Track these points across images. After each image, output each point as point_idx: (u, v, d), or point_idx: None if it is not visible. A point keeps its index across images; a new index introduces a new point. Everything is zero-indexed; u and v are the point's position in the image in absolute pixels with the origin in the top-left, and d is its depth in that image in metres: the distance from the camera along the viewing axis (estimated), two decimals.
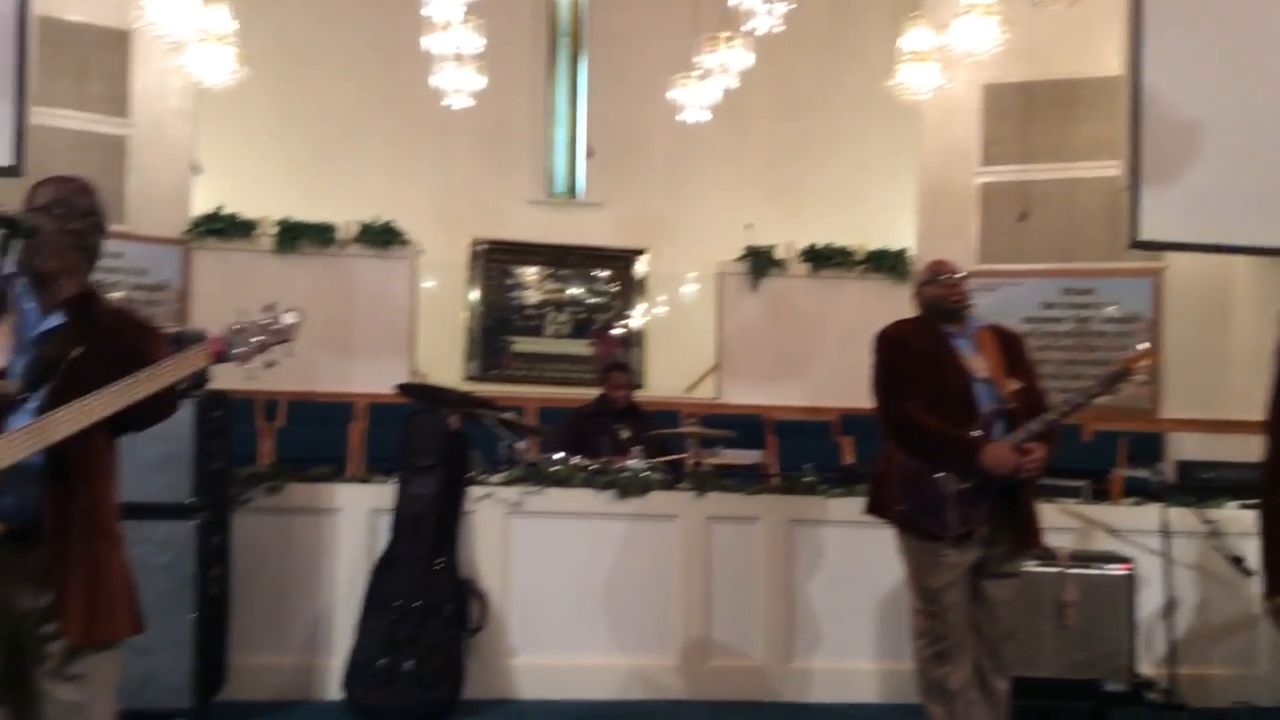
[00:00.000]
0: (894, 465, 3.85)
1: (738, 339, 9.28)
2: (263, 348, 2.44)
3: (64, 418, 2.30)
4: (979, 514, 3.70)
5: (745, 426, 7.30)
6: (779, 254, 9.22)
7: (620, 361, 7.90)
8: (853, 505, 4.90)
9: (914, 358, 3.83)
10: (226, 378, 4.39)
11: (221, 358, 2.43)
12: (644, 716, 4.73)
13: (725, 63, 7.83)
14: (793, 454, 7.72)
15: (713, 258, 9.57)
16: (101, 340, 2.43)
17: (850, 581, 5.08)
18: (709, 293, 9.73)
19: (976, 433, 3.71)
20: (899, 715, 4.83)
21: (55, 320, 2.43)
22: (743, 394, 9.11)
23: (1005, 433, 3.74)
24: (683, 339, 10.00)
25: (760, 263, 9.18)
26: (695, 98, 8.54)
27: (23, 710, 2.45)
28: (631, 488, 5.07)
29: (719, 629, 5.07)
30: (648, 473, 5.25)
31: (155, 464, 4.09)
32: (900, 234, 9.38)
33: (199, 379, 4.25)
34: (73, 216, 2.46)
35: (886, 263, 9.14)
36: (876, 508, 3.99)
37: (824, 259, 9.20)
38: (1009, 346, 3.93)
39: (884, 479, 3.92)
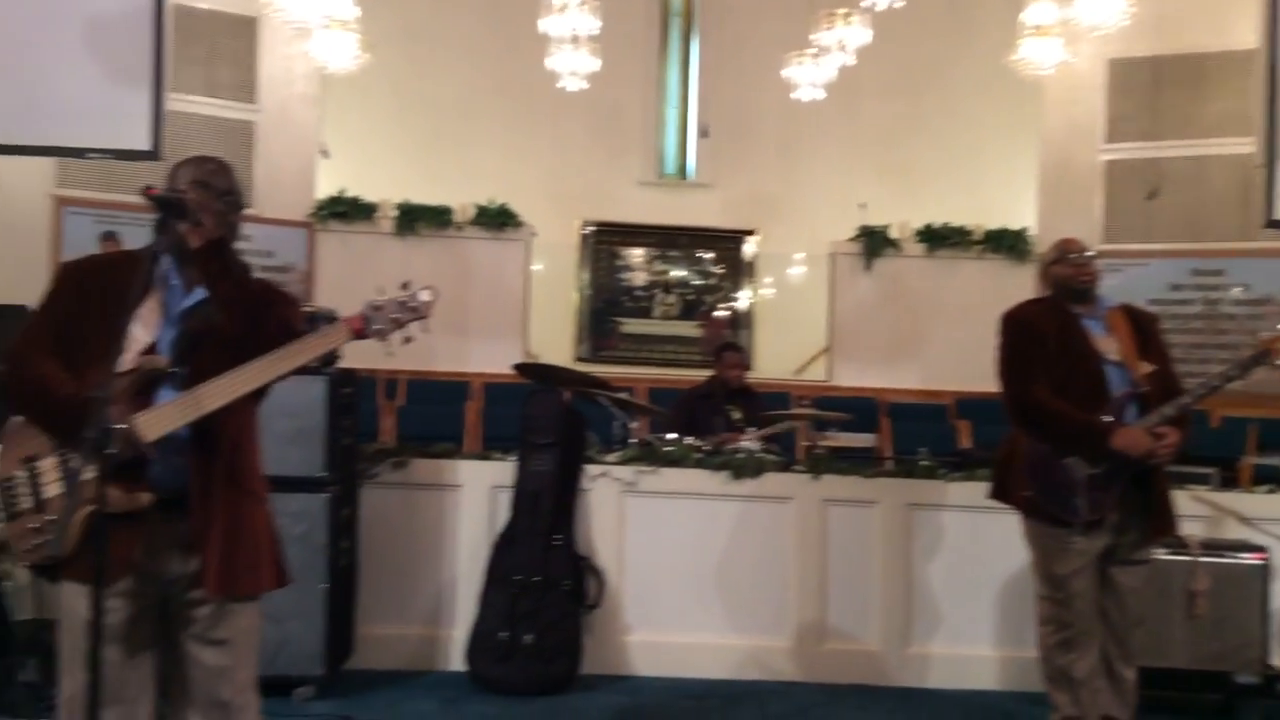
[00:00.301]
0: (1020, 450, 3.78)
1: (850, 320, 9.18)
2: (400, 324, 2.49)
3: (213, 391, 2.39)
4: (1109, 500, 3.62)
5: (857, 409, 7.22)
6: (893, 234, 9.09)
7: (733, 342, 7.88)
8: (973, 490, 4.86)
9: (1042, 340, 3.74)
10: (351, 356, 4.56)
11: (361, 334, 2.48)
12: (759, 697, 4.74)
13: (843, 40, 7.72)
14: (907, 437, 7.62)
15: (824, 238, 9.48)
16: (243, 312, 2.51)
17: (970, 567, 5.00)
18: (819, 273, 9.64)
19: (1107, 417, 3.62)
20: (1020, 703, 4.75)
21: (199, 295, 2.52)
22: (855, 376, 9.02)
23: (1137, 417, 3.64)
24: (792, 320, 9.94)
25: (874, 243, 9.07)
26: (809, 76, 8.46)
27: (172, 672, 2.56)
28: (746, 469, 5.06)
29: (834, 612, 5.05)
30: (762, 454, 5.24)
31: (290, 438, 4.23)
32: (1020, 213, 9.17)
33: (330, 357, 4.38)
34: (213, 195, 2.54)
35: (1005, 242, 8.94)
36: (1001, 493, 3.92)
37: (940, 239, 9.04)
38: (1141, 327, 3.82)
39: (1009, 464, 3.85)
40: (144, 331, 2.43)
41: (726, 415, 6.00)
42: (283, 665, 4.23)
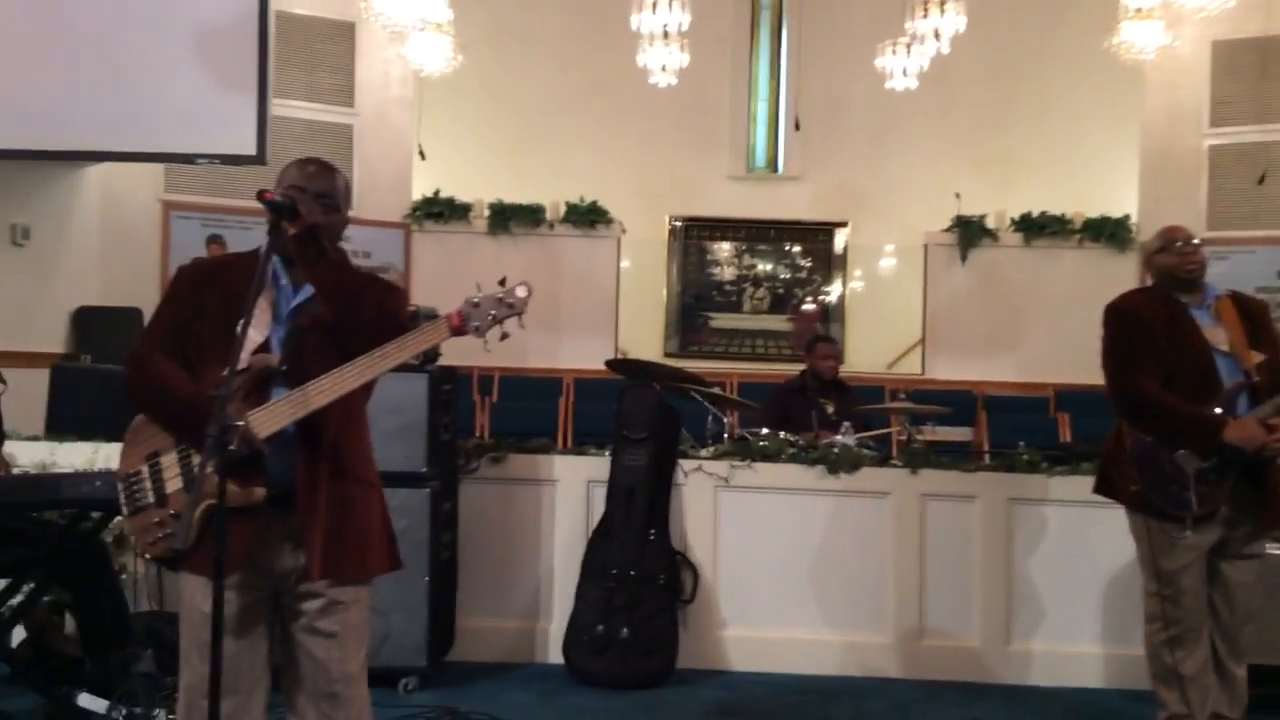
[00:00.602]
0: (1126, 443, 3.69)
1: (945, 312, 9.06)
2: (497, 320, 2.50)
3: (319, 389, 2.44)
4: (1221, 494, 3.53)
5: (953, 402, 7.13)
6: (989, 224, 8.94)
7: (825, 334, 7.81)
8: (1077, 484, 4.77)
9: (1149, 331, 3.65)
10: (447, 353, 4.64)
11: (460, 331, 2.50)
12: (857, 693, 4.71)
13: (937, 27, 7.61)
14: (1004, 431, 7.51)
15: (917, 229, 9.36)
16: (340, 297, 2.53)
17: (1074, 562, 4.90)
18: (911, 265, 9.53)
19: (1218, 409, 3.53)
20: (1126, 701, 4.64)
21: (306, 293, 2.58)
22: (950, 369, 8.91)
23: (1249, 408, 3.54)
24: (884, 313, 9.83)
25: (970, 233, 8.94)
26: (902, 65, 8.35)
27: (285, 664, 2.63)
28: (841, 463, 5.03)
29: (933, 608, 4.99)
30: (858, 448, 5.20)
31: (393, 434, 4.32)
32: (1120, 201, 8.94)
33: (431, 354, 4.47)
34: (318, 196, 2.60)
35: (1106, 231, 8.74)
36: (1107, 487, 3.84)
37: (1038, 228, 8.87)
38: (1251, 316, 3.71)
39: (1116, 457, 3.76)
40: (256, 331, 2.49)
41: (820, 409, 5.97)
42: (387, 657, 4.33)
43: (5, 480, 3.80)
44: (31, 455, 4.68)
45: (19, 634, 4.33)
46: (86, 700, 3.83)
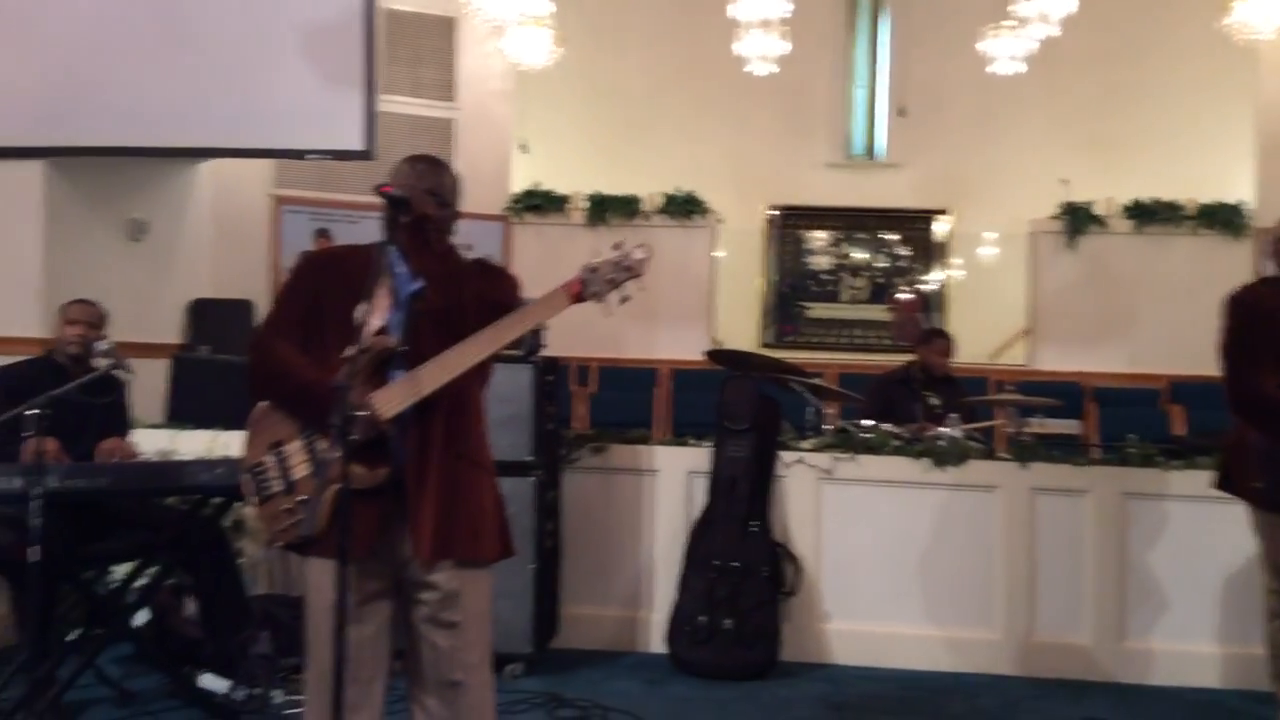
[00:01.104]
0: (1249, 439, 3.56)
1: (1052, 301, 8.86)
2: (616, 284, 2.51)
3: (432, 370, 2.49)
4: None
5: (1060, 393, 6.95)
6: (1098, 210, 8.70)
7: (939, 328, 7.62)
8: (1194, 479, 4.63)
9: (1270, 324, 3.51)
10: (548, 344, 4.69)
11: (580, 297, 2.51)
12: (967, 690, 4.63)
13: (1045, 10, 7.43)
14: (1114, 423, 7.29)
15: (1022, 216, 9.18)
16: (445, 286, 2.59)
17: (1192, 559, 4.75)
18: (1015, 253, 9.34)
19: None
20: (1245, 702, 4.49)
21: (422, 281, 2.62)
22: (1057, 359, 8.71)
23: None
24: (986, 302, 9.66)
25: (1078, 220, 8.72)
26: (1008, 48, 8.17)
27: (407, 652, 2.68)
28: (948, 456, 4.95)
29: (1044, 604, 4.88)
30: (964, 440, 5.11)
31: (501, 423, 4.36)
32: (1234, 186, 8.64)
33: (535, 345, 4.52)
34: (427, 192, 2.65)
35: (1221, 217, 8.46)
36: (1228, 483, 3.71)
37: (1149, 214, 8.62)
38: None
39: (1238, 453, 3.63)
40: (376, 316, 2.54)
41: (925, 402, 5.87)
42: (493, 643, 4.38)
43: (132, 467, 3.95)
44: (153, 443, 4.84)
45: (144, 615, 4.52)
46: (207, 680, 3.97)
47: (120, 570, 4.35)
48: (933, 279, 10.03)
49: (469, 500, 2.61)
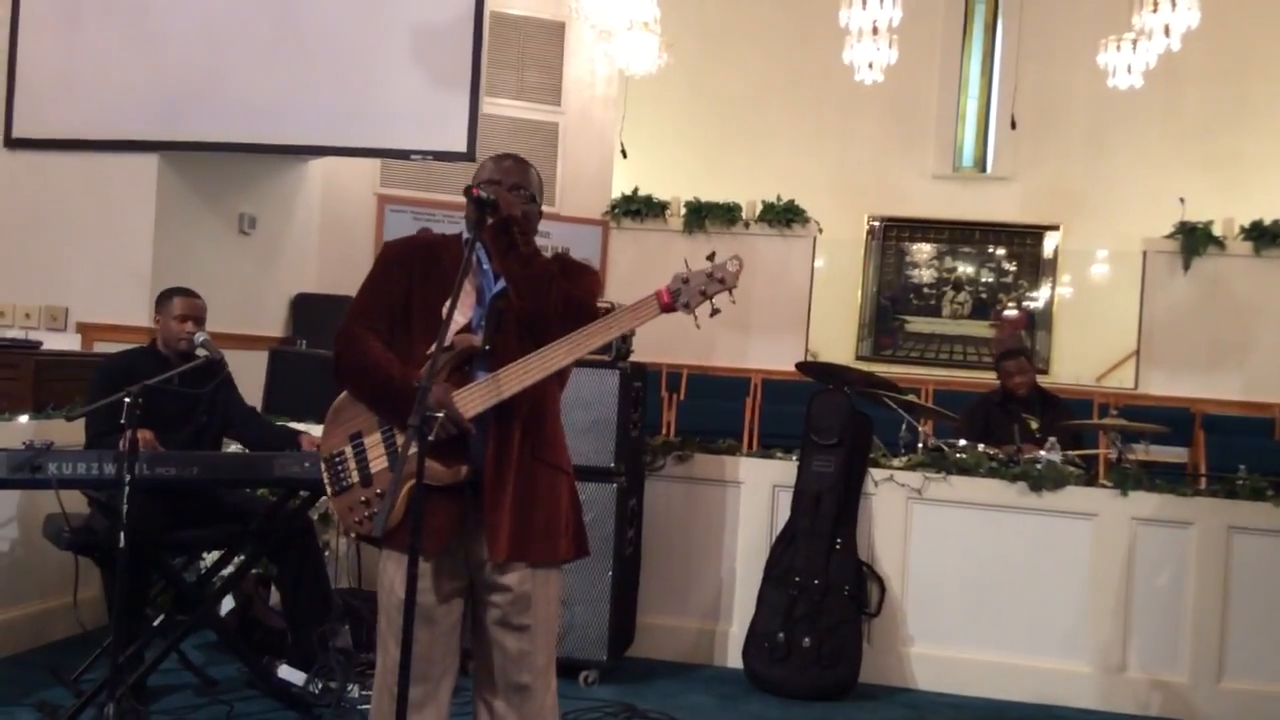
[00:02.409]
0: None
1: (1163, 323, 8.54)
2: (707, 296, 2.48)
3: (516, 374, 2.47)
4: None
5: (1168, 420, 6.70)
6: (1216, 230, 8.36)
7: (1014, 348, 7.35)
8: None
9: None
10: (638, 349, 4.66)
11: (670, 307, 2.48)
12: None
13: (1168, 23, 7.17)
14: (1224, 453, 7.02)
15: (1135, 235, 8.88)
16: (529, 288, 2.55)
17: None
18: (1128, 272, 9.03)
19: None
20: None
21: (506, 282, 2.59)
22: (1166, 384, 8.40)
23: None
24: (1096, 322, 9.36)
25: (1194, 240, 8.39)
26: (1127, 62, 7.91)
27: (475, 652, 2.67)
28: (1045, 481, 4.79)
29: (1137, 638, 4.70)
30: (1063, 465, 4.94)
31: (584, 428, 4.38)
32: None
33: (624, 350, 4.50)
34: (514, 188, 2.65)
35: None
36: None
37: (1271, 236, 8.24)
38: None
39: None
40: (460, 313, 2.54)
41: (1024, 424, 5.69)
42: (570, 648, 4.39)
43: (222, 457, 4.04)
44: None
45: (229, 604, 4.63)
46: (286, 672, 4.03)
47: (208, 558, 4.46)
48: (1040, 296, 9.75)
49: (545, 501, 2.59)
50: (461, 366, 2.53)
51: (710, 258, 2.52)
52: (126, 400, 3.32)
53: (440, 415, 2.38)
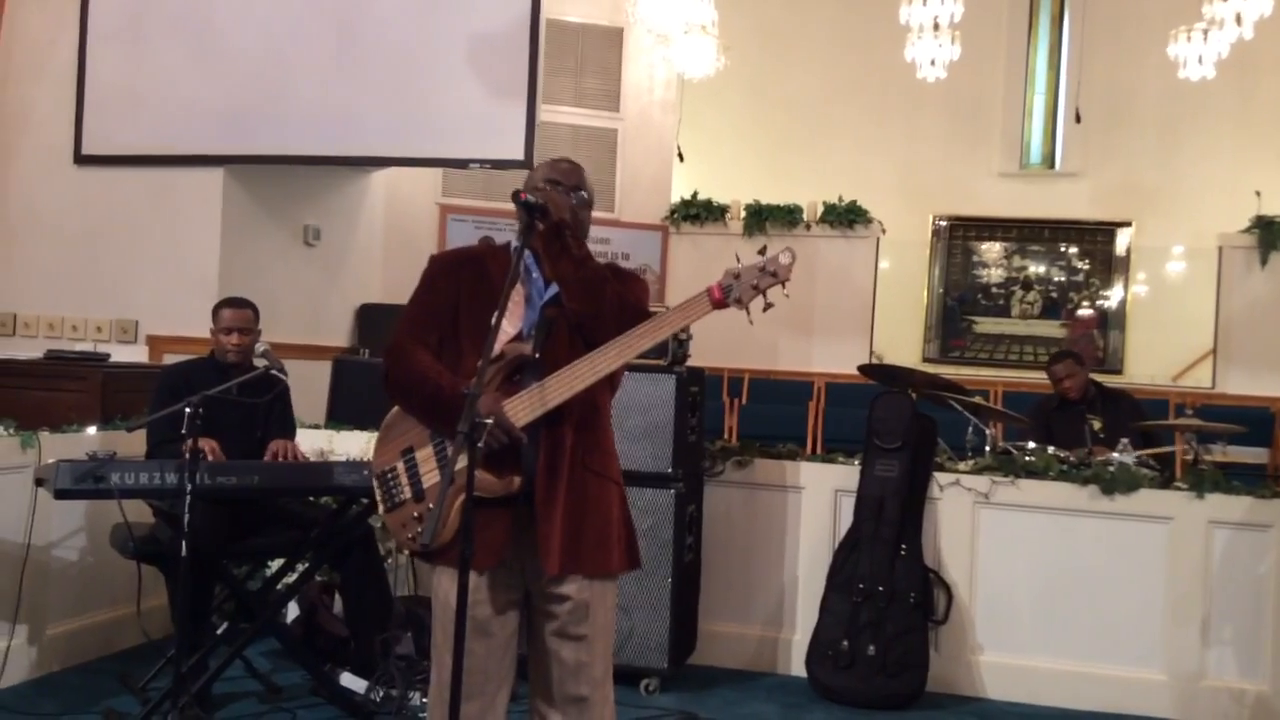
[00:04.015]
0: None
1: (1241, 320, 8.30)
2: (759, 290, 2.43)
3: (562, 381, 2.45)
4: None
5: (1247, 420, 6.49)
6: None
7: (1061, 351, 6.95)
8: None
9: None
10: (699, 354, 4.63)
11: (722, 304, 2.44)
12: None
13: (1239, 11, 6.95)
14: None
15: (1210, 230, 8.64)
16: (582, 292, 2.52)
17: None
18: (1203, 268, 8.79)
19: None
20: None
21: (556, 288, 2.58)
22: (1245, 383, 8.16)
23: None
24: (1171, 320, 9.12)
25: (1271, 234, 8.15)
26: (1198, 52, 7.69)
27: (531, 662, 2.64)
28: (1118, 484, 4.65)
29: (1215, 646, 4.54)
30: (1136, 467, 4.80)
31: (641, 434, 4.36)
32: None
33: (680, 355, 4.47)
34: (573, 189, 2.63)
35: None
36: None
37: None
38: None
39: None
40: (509, 322, 2.52)
41: (1089, 425, 5.54)
42: (630, 656, 4.36)
43: (282, 467, 4.07)
44: (312, 443, 5.02)
45: (293, 611, 4.67)
46: (348, 680, 4.06)
47: (272, 566, 4.51)
48: (1112, 294, 9.52)
49: (597, 513, 2.56)
50: (512, 376, 2.51)
51: (761, 251, 2.47)
52: (187, 410, 3.37)
53: (489, 421, 2.36)
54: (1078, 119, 9.69)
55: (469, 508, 2.35)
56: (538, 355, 2.52)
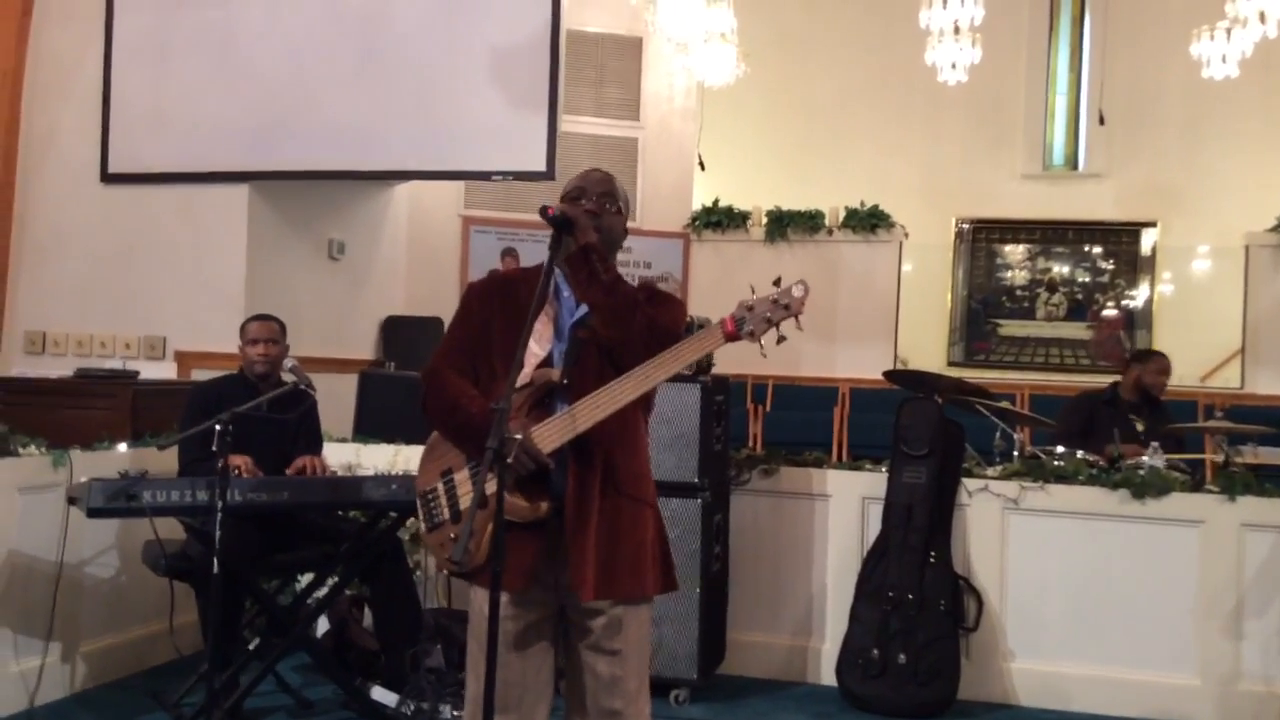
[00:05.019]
0: None
1: (1269, 319, 8.24)
2: (772, 323, 2.41)
3: (588, 407, 2.43)
4: None
5: (1276, 420, 6.42)
6: None
7: (1153, 350, 6.87)
8: None
9: None
10: (722, 361, 4.62)
11: (735, 336, 2.43)
12: None
13: (1263, 10, 6.90)
14: None
15: (1237, 229, 8.57)
16: (612, 317, 2.50)
17: None
18: (1230, 268, 8.72)
19: None
20: None
21: (586, 307, 2.56)
22: (1275, 383, 8.08)
23: None
24: (1197, 320, 9.05)
25: None
26: (1221, 51, 7.64)
27: (567, 678, 2.64)
28: (1148, 488, 4.62)
29: (1250, 649, 4.50)
30: (1167, 471, 4.76)
31: (666, 444, 4.35)
32: None
33: (705, 364, 4.47)
34: (602, 195, 2.61)
35: None
36: None
37: None
38: None
39: None
40: (539, 345, 2.52)
41: (1131, 425, 5.50)
42: (659, 667, 4.34)
43: (311, 482, 4.09)
44: (340, 457, 5.04)
45: (324, 626, 4.69)
46: (379, 694, 4.07)
47: (302, 580, 4.53)
48: (1138, 295, 9.46)
49: (630, 537, 2.55)
50: (542, 401, 2.51)
51: (776, 283, 2.45)
52: (217, 428, 3.39)
53: (518, 437, 2.37)
54: (1101, 121, 9.63)
55: (499, 527, 2.35)
56: (565, 381, 2.51)
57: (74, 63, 6.87)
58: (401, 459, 4.95)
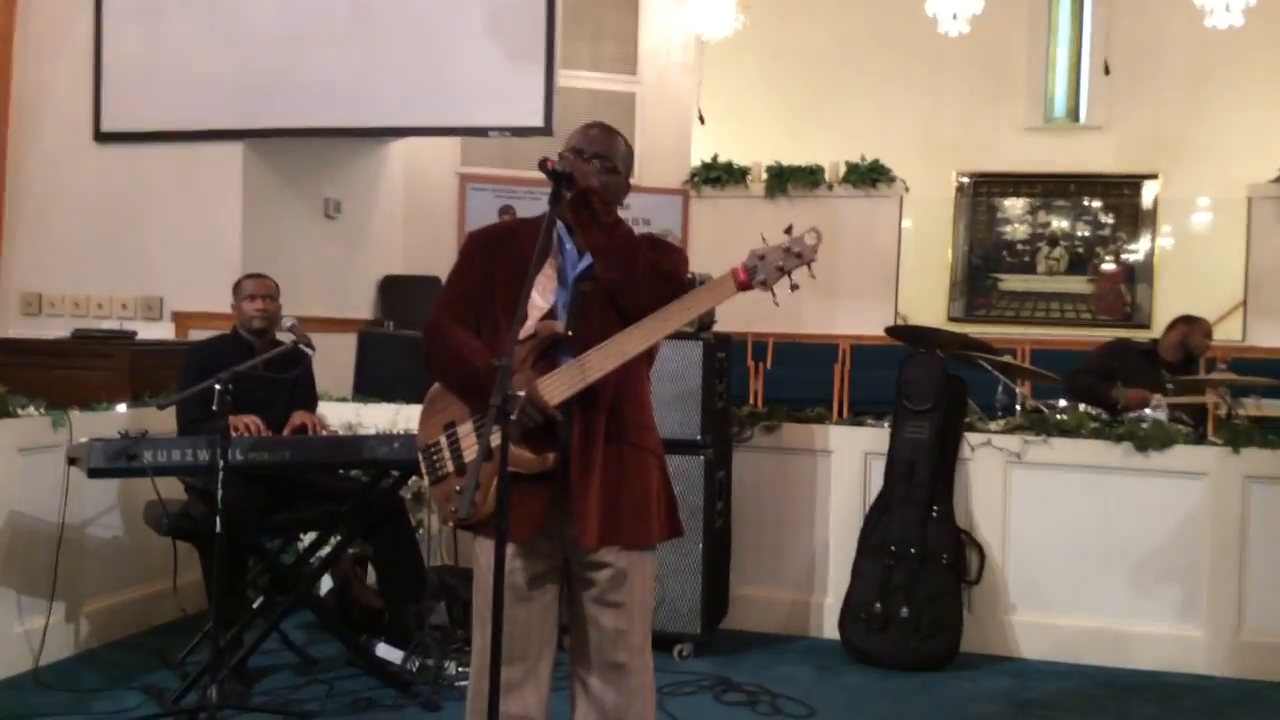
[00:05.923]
0: None
1: (1271, 271, 8.22)
2: (785, 272, 2.39)
3: (598, 358, 2.41)
4: None
5: (1278, 373, 6.41)
6: None
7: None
8: None
9: None
10: (723, 319, 4.59)
11: (747, 285, 2.40)
12: (1166, 691, 4.32)
13: None
14: None
15: (1239, 180, 8.52)
16: (615, 260, 2.49)
17: None
18: (1232, 220, 8.68)
19: None
20: None
21: (590, 259, 2.54)
22: (1276, 335, 8.04)
23: None
24: (1199, 273, 9.02)
25: None
26: (1225, 1, 7.56)
27: (571, 629, 2.64)
28: (1151, 441, 4.61)
29: (1254, 600, 4.51)
30: (1170, 423, 4.75)
31: (668, 401, 4.33)
32: None
33: (707, 320, 4.44)
34: (595, 156, 2.57)
35: None
36: None
37: None
38: None
39: None
40: (542, 297, 2.50)
41: (1162, 382, 5.47)
42: (662, 622, 4.35)
43: (313, 441, 4.08)
44: (340, 416, 5.02)
45: (327, 584, 4.70)
46: (384, 650, 4.08)
47: (305, 539, 4.53)
48: (1139, 248, 9.41)
49: (634, 485, 2.55)
50: (546, 353, 2.49)
51: (788, 231, 2.42)
52: (218, 387, 3.37)
53: (521, 394, 2.35)
54: (1106, 70, 9.54)
55: (504, 482, 2.33)
56: (569, 333, 2.49)
57: (65, 21, 6.77)
58: (402, 418, 4.93)
